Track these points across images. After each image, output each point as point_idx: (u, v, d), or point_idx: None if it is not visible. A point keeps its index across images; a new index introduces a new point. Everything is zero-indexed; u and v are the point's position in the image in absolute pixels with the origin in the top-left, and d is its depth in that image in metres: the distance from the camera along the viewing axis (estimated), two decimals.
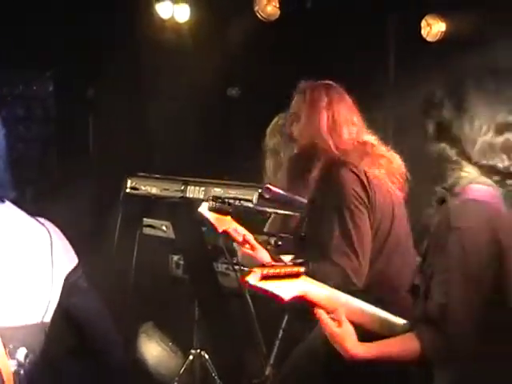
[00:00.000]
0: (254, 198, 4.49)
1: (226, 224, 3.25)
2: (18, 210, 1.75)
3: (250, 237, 3.19)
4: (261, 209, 4.46)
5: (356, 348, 2.17)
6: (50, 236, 1.74)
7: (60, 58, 7.04)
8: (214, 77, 7.13)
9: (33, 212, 1.81)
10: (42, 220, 1.77)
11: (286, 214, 4.18)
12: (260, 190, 4.24)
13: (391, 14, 6.06)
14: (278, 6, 6.31)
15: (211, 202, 3.30)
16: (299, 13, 6.36)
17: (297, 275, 2.22)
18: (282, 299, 2.16)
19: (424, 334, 2.15)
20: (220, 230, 3.23)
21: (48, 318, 1.70)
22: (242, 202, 4.56)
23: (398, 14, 6.02)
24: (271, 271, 2.09)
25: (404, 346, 2.18)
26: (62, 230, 1.84)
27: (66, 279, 1.75)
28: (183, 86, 7.37)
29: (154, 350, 5.11)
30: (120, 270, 5.07)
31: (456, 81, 2.37)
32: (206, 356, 4.71)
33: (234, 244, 3.42)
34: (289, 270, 2.19)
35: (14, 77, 7.64)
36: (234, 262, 4.55)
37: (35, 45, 6.57)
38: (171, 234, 5.12)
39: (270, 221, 4.38)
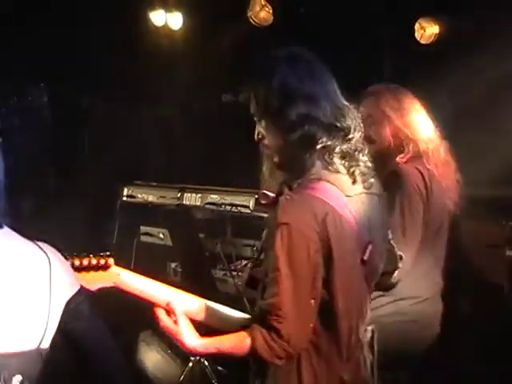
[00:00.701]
0: (251, 203, 4.49)
1: None
2: (16, 235, 1.72)
3: None
4: (258, 214, 4.46)
5: (192, 342, 2.18)
6: (49, 261, 1.71)
7: (55, 69, 7.04)
8: (208, 83, 7.13)
9: (30, 226, 1.79)
10: (41, 244, 1.74)
11: None
12: (256, 196, 4.24)
13: (385, 16, 6.06)
14: (271, 11, 6.31)
15: None
16: (293, 17, 6.36)
17: (106, 266, 2.29)
18: (87, 290, 2.19)
19: (256, 331, 2.14)
20: None
21: (45, 345, 1.67)
22: (239, 207, 4.57)
23: (392, 17, 6.02)
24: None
25: (238, 342, 2.17)
26: (59, 241, 1.82)
27: (67, 305, 1.72)
28: (178, 93, 7.38)
29: (153, 357, 5.09)
30: None
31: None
32: (206, 363, 4.70)
33: None
34: (95, 261, 2.24)
35: (8, 88, 7.65)
36: (232, 268, 4.55)
37: (30, 55, 6.57)
38: (168, 242, 5.11)
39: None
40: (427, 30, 5.87)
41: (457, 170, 3.36)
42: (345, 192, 2.24)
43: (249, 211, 4.55)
